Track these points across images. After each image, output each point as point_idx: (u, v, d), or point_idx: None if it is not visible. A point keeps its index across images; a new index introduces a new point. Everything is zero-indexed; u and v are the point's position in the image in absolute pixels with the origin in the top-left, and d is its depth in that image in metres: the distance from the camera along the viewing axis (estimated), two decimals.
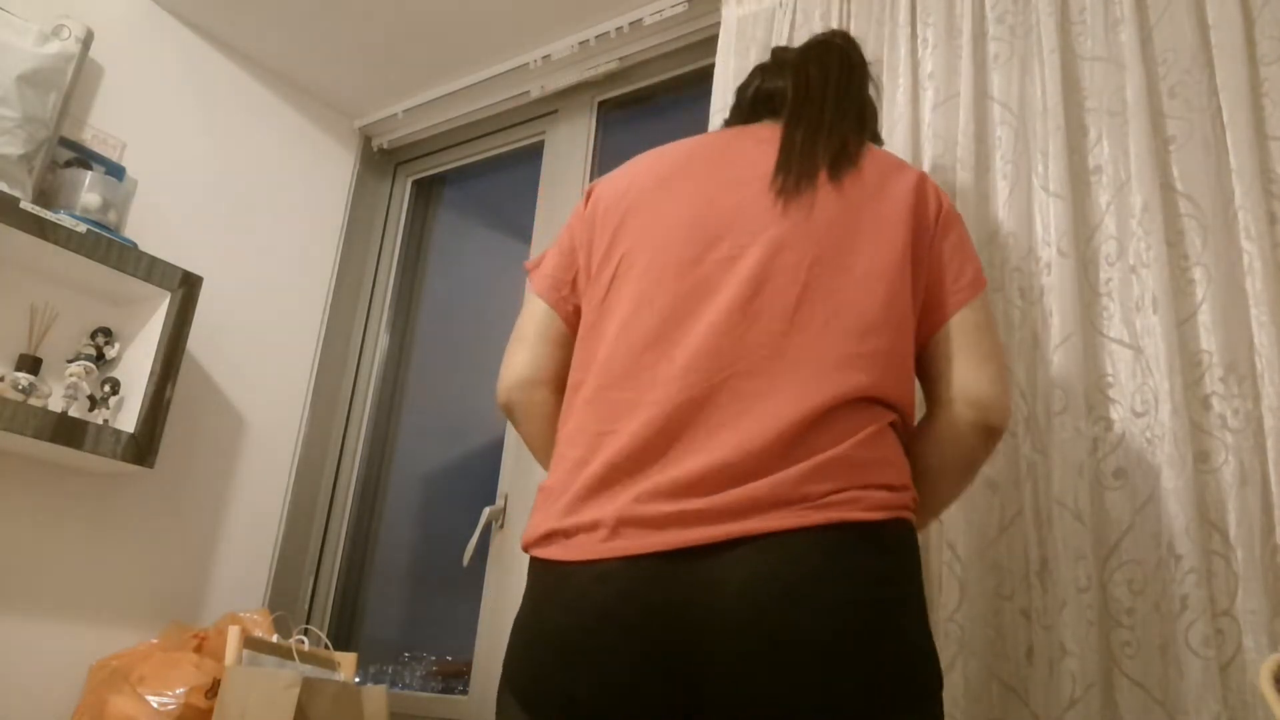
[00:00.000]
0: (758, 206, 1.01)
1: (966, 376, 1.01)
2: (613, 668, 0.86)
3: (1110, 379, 1.30)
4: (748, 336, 0.94)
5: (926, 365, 1.05)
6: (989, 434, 1.02)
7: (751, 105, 1.20)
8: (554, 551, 0.93)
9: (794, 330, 0.94)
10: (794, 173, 1.02)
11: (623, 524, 0.89)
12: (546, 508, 0.97)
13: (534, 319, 1.13)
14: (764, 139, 1.08)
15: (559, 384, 1.10)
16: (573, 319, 1.11)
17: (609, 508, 0.90)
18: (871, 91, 1.21)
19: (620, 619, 0.86)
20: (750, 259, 0.97)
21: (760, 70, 1.22)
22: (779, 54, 1.23)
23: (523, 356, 1.12)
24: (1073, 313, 1.32)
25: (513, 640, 0.96)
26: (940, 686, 0.89)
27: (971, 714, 1.24)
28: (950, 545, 1.32)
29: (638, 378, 0.96)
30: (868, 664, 0.83)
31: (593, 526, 0.90)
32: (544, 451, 1.13)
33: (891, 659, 0.84)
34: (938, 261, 1.04)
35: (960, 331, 1.03)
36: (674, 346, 0.95)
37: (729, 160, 1.07)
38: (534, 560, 0.97)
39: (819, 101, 1.10)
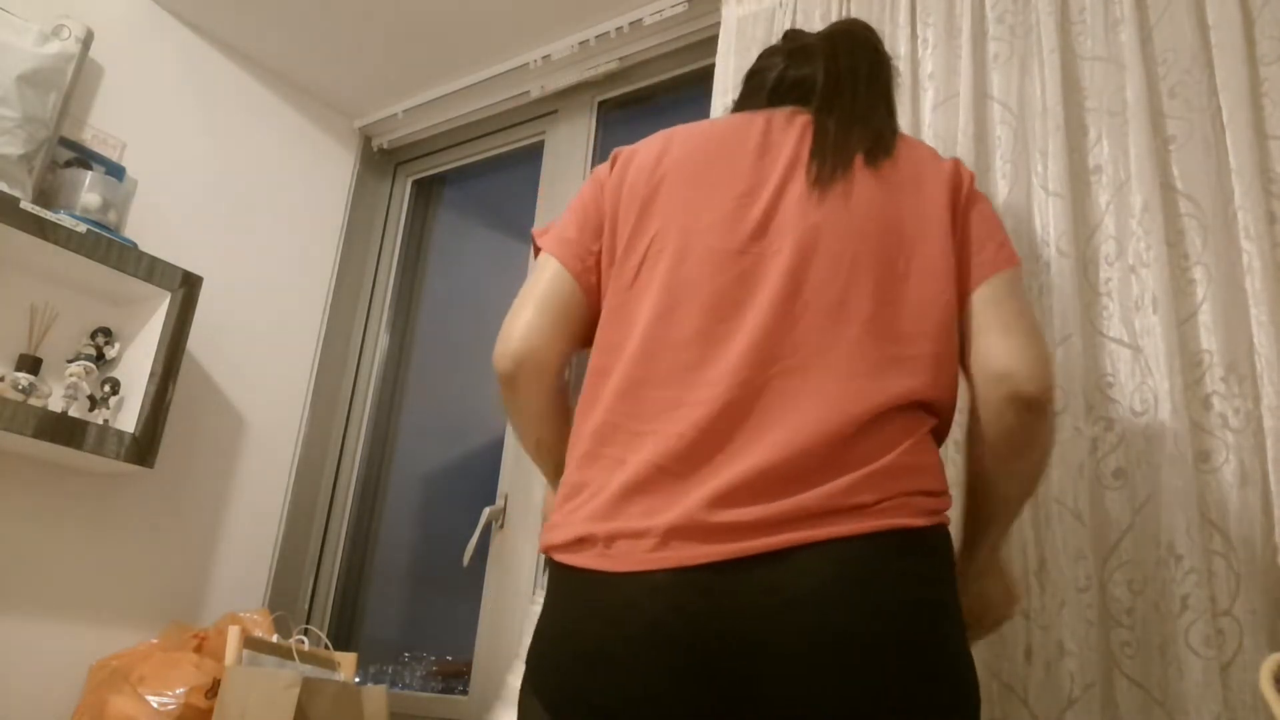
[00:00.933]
0: (794, 196, 0.98)
1: (989, 350, 0.95)
2: (660, 682, 0.84)
3: (1110, 378, 1.30)
4: (792, 335, 0.91)
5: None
6: (1023, 407, 0.93)
7: (774, 91, 1.14)
8: (590, 560, 0.89)
9: (838, 329, 0.91)
10: (829, 162, 0.99)
11: (672, 534, 0.85)
12: (577, 507, 0.92)
13: (548, 282, 1.05)
14: (796, 125, 1.05)
15: (568, 356, 1.05)
16: (594, 292, 1.04)
17: (658, 517, 0.87)
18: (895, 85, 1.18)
19: (669, 633, 0.84)
20: (789, 252, 0.94)
21: (779, 54, 1.16)
22: (797, 37, 1.18)
23: (533, 321, 1.03)
24: (1072, 312, 1.32)
25: (544, 648, 0.92)
26: (979, 693, 0.88)
27: None
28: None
29: (679, 376, 0.92)
30: (924, 666, 0.83)
31: (637, 534, 0.87)
32: (537, 424, 1.07)
33: (945, 661, 0.84)
34: (964, 236, 1.00)
35: (983, 304, 0.97)
36: (718, 345, 0.92)
37: (763, 146, 1.03)
38: (563, 566, 0.92)
39: (850, 92, 1.07)
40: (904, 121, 1.57)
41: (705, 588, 0.84)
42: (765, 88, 1.15)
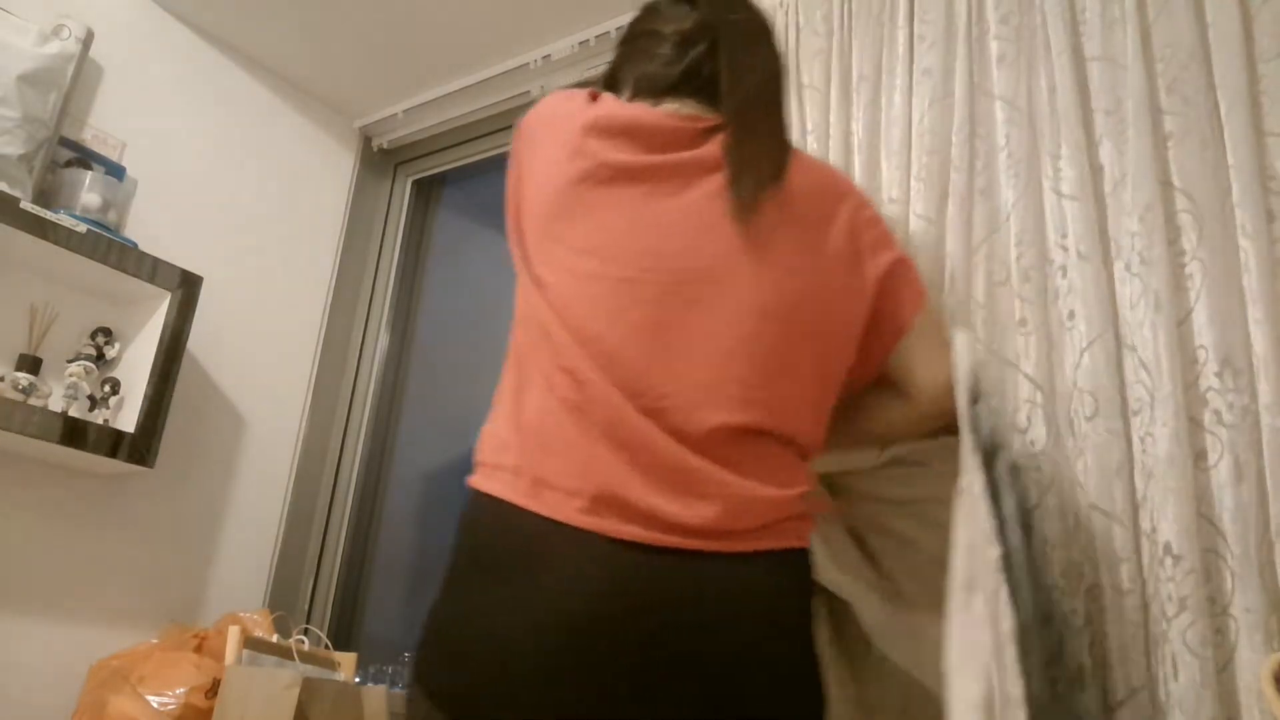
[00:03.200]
0: (707, 237, 0.97)
1: (927, 378, 1.09)
2: (594, 677, 0.86)
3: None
4: (709, 389, 0.93)
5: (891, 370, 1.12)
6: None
7: (683, 78, 1.09)
8: (522, 498, 0.92)
9: (758, 381, 0.94)
10: (745, 203, 0.97)
11: (601, 502, 0.88)
12: (505, 443, 1.00)
13: None
14: (700, 148, 1.01)
15: None
16: None
17: (589, 480, 0.90)
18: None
19: (603, 624, 0.86)
20: (707, 308, 0.94)
21: (673, 32, 1.11)
22: (679, 12, 1.11)
23: None
24: (1099, 316, 1.30)
25: (451, 627, 0.95)
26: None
27: None
28: None
29: (608, 430, 0.92)
30: (814, 672, 0.93)
31: (569, 492, 0.89)
32: None
33: (816, 666, 0.94)
34: (882, 289, 1.06)
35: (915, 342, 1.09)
36: (647, 407, 0.92)
37: (670, 171, 1.00)
38: (485, 496, 0.98)
39: (756, 106, 1.04)
40: (900, 121, 1.57)
41: (648, 575, 0.87)
42: (666, 75, 1.10)
